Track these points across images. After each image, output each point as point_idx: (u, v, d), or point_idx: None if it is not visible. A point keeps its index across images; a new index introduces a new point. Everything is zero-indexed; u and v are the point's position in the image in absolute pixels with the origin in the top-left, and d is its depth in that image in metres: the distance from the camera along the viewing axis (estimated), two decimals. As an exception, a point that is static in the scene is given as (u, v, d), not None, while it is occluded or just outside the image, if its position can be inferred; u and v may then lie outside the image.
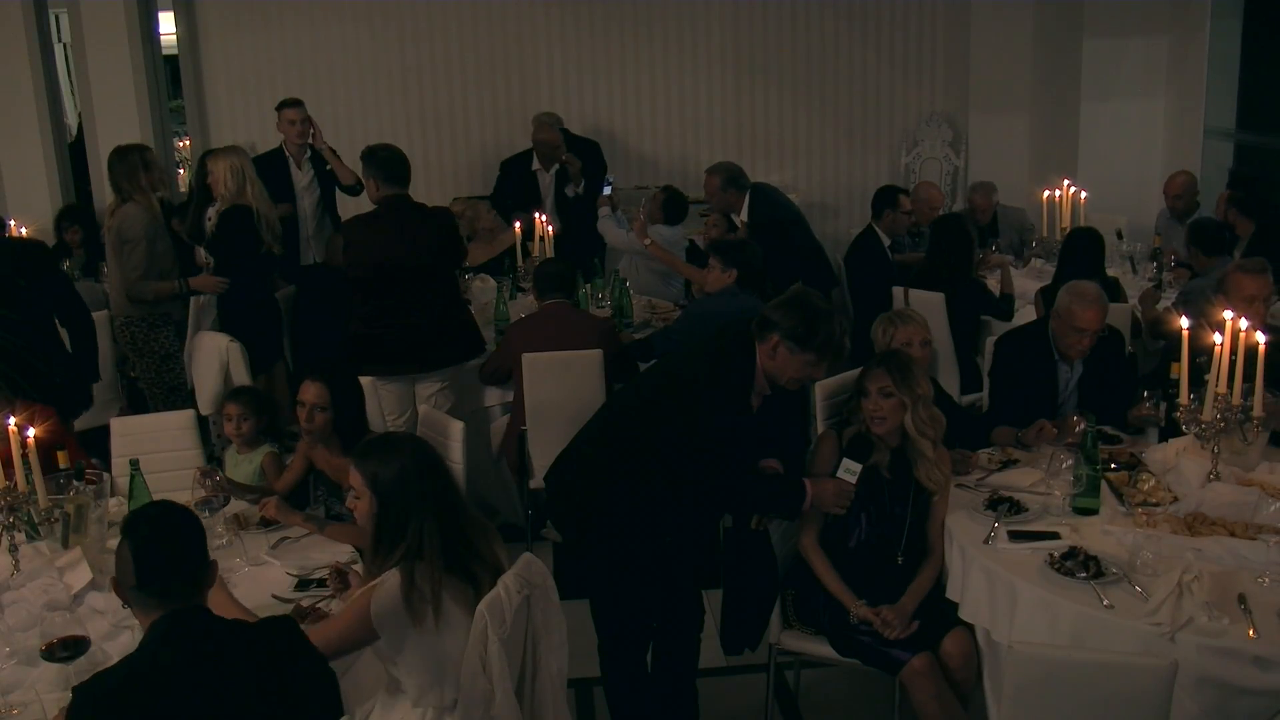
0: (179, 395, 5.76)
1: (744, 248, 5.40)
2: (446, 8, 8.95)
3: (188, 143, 9.47)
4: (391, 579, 2.70)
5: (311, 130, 6.74)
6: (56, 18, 9.82)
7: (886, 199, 6.63)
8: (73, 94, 9.99)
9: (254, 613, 2.79)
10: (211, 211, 5.82)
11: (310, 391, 3.86)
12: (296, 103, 6.77)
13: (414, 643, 2.71)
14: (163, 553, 2.32)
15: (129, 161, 5.62)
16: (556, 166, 7.46)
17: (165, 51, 8.97)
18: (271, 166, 6.59)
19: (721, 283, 5.22)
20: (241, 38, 8.83)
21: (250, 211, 5.60)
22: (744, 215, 6.59)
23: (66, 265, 6.92)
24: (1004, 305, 5.98)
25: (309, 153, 6.72)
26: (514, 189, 7.47)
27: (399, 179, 5.02)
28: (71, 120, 9.87)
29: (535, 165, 7.52)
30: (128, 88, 8.22)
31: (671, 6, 9.11)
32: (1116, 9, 8.01)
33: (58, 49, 10.14)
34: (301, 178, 6.72)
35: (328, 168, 6.67)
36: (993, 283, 6.23)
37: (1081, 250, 5.66)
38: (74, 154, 9.02)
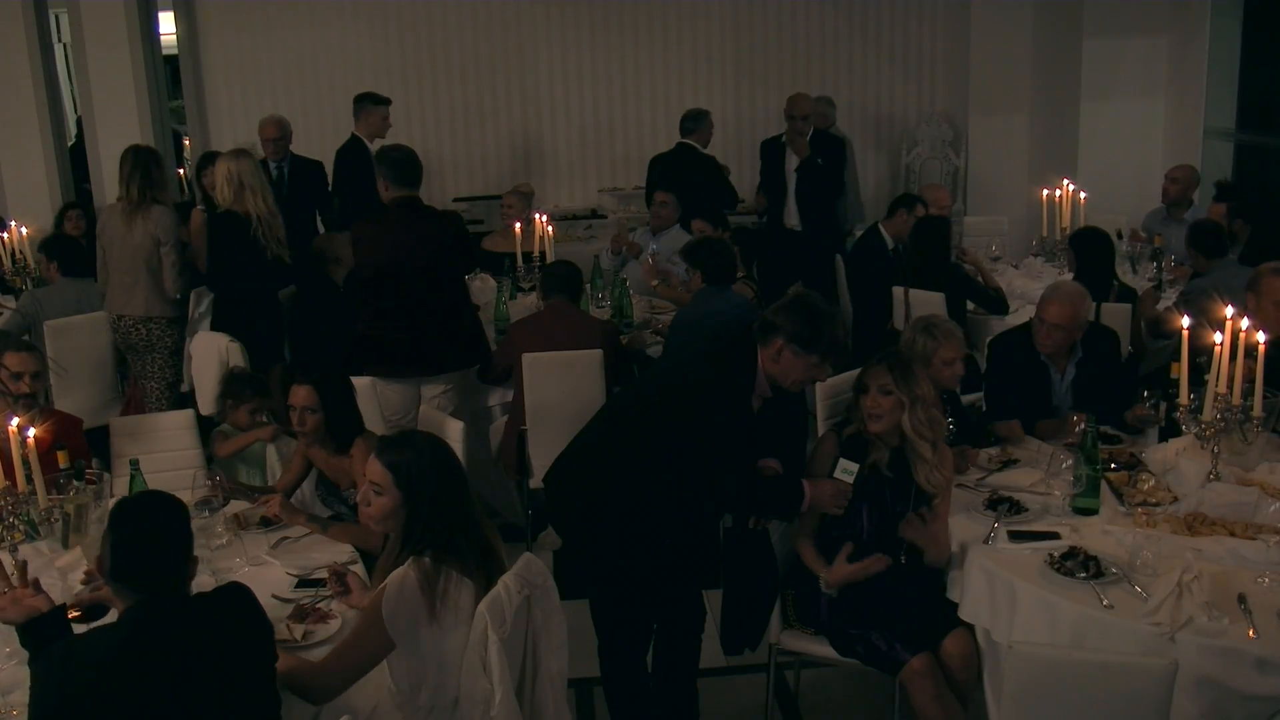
0: (174, 392, 5.90)
1: (701, 246, 5.44)
2: (446, 8, 8.96)
3: (188, 143, 9.48)
4: (397, 580, 2.71)
5: None
6: (56, 18, 9.83)
7: (905, 201, 6.67)
8: (73, 94, 9.99)
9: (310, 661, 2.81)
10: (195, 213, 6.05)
11: (299, 395, 3.85)
12: (389, 100, 7.19)
13: (426, 639, 2.71)
14: (141, 550, 2.40)
15: (162, 164, 5.86)
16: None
17: (165, 51, 8.97)
18: (356, 156, 6.80)
19: (695, 286, 5.32)
20: (241, 38, 8.84)
21: (238, 218, 5.63)
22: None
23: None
24: (997, 299, 5.99)
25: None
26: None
27: (409, 181, 4.99)
28: (71, 120, 9.87)
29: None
30: (128, 88, 8.22)
31: (671, 7, 9.11)
32: (1116, 9, 8.01)
33: (58, 49, 10.14)
34: None
35: None
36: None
37: (1087, 251, 5.65)
38: (74, 154, 9.03)
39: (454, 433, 4.20)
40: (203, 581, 3.20)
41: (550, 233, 6.68)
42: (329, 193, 7.31)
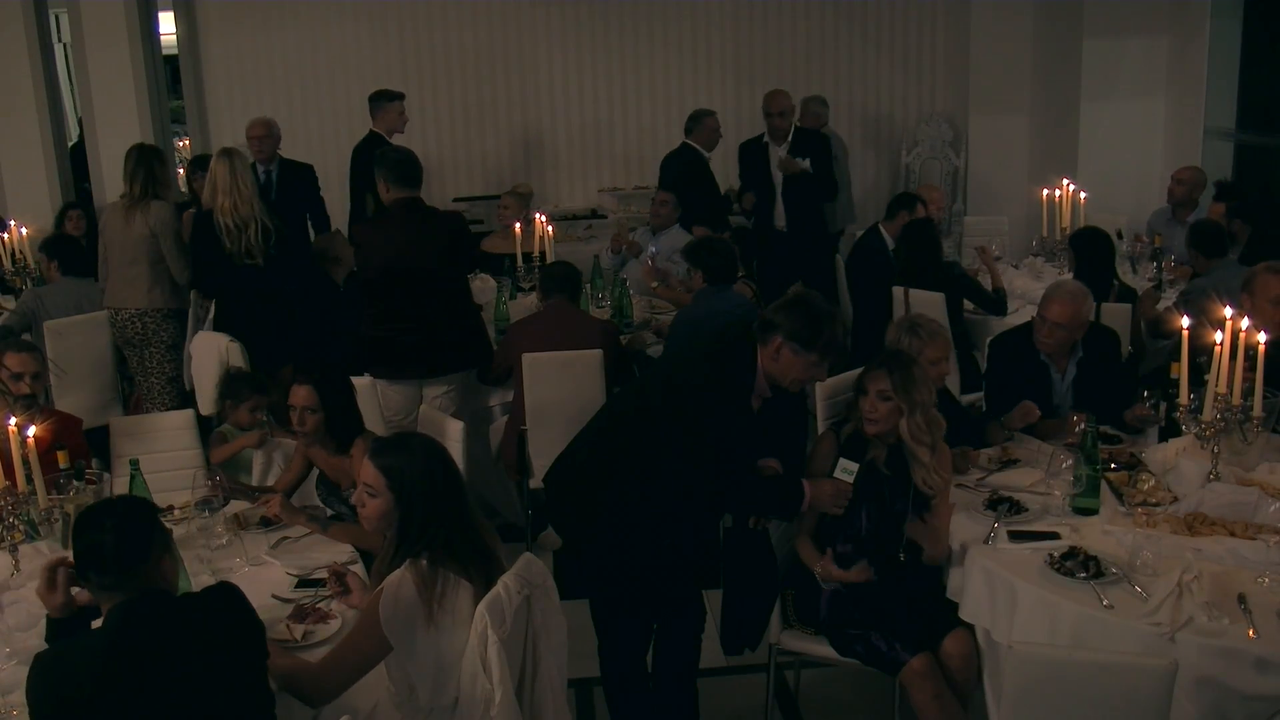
0: (177, 386, 5.93)
1: (702, 245, 5.44)
2: (446, 8, 8.97)
3: (187, 143, 9.48)
4: (394, 582, 2.71)
5: None
6: (56, 18, 9.83)
7: (905, 201, 6.65)
8: (73, 94, 9.99)
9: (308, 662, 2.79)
10: (186, 215, 6.11)
11: (299, 395, 3.85)
12: (403, 95, 7.27)
13: (424, 642, 2.71)
14: (100, 543, 2.43)
15: (165, 162, 5.97)
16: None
17: (165, 51, 8.98)
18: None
19: (695, 286, 5.31)
20: (241, 38, 8.84)
21: (209, 218, 5.62)
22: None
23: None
24: (997, 299, 5.99)
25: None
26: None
27: (410, 181, 4.98)
28: (71, 120, 9.86)
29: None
30: (128, 88, 8.23)
31: (671, 6, 9.12)
32: (1116, 9, 8.01)
33: (58, 49, 10.15)
34: None
35: None
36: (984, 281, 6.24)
37: (1087, 251, 5.65)
38: (74, 154, 9.02)
39: (454, 433, 4.20)
40: (203, 582, 3.20)
41: (550, 233, 6.68)
42: (320, 196, 7.29)
